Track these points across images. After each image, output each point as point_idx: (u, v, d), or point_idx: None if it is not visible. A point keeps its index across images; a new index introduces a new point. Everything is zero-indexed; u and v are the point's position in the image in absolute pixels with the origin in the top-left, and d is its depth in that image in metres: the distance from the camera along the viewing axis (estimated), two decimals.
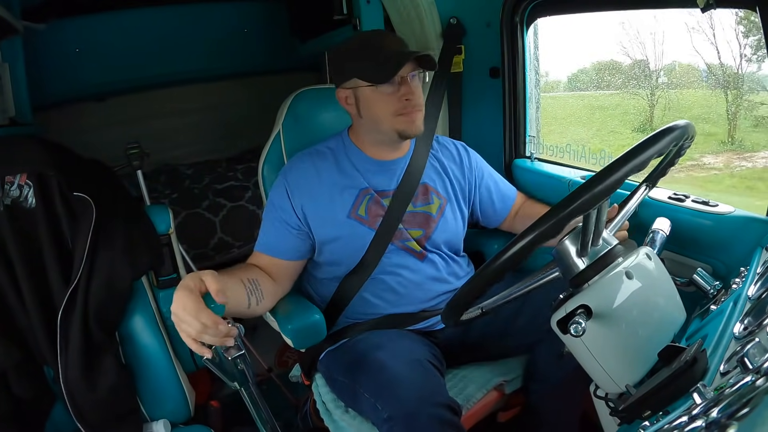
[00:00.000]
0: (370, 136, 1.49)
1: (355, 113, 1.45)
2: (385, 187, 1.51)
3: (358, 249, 1.46)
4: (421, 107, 1.42)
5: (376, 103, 1.39)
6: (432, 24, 1.95)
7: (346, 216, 1.46)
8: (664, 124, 0.93)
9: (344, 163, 1.50)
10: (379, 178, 1.51)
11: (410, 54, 1.37)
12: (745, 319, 0.77)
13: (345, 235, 1.45)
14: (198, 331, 0.99)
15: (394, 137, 1.43)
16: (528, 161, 1.92)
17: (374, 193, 1.48)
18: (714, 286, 1.10)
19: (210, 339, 1.01)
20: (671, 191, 1.46)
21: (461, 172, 1.62)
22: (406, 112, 1.38)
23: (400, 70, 1.35)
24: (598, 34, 1.91)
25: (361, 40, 1.46)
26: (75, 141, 1.70)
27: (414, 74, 1.39)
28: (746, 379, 0.58)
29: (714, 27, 1.55)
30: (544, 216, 0.84)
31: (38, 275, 1.34)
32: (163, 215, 1.57)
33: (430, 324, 1.52)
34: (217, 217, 2.68)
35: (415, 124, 1.40)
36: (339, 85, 1.46)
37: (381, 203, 1.48)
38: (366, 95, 1.40)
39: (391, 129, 1.41)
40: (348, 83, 1.42)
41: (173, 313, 1.01)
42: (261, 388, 1.13)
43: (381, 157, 1.52)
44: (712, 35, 1.59)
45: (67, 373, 1.32)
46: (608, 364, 0.90)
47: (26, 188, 1.34)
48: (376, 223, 1.46)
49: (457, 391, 1.41)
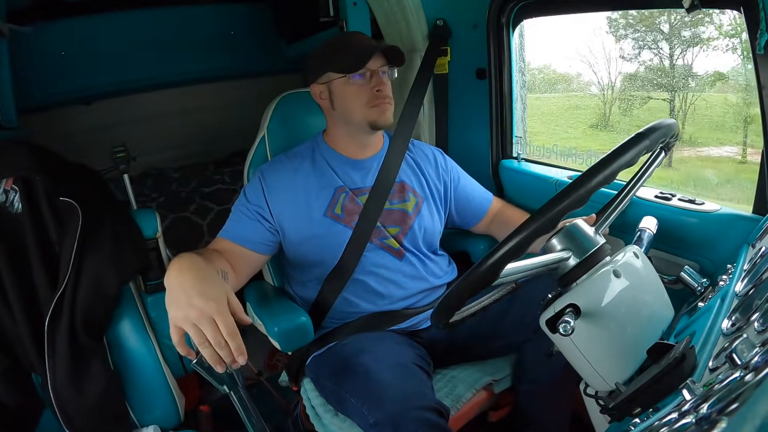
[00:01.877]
0: (342, 129, 1.54)
1: (329, 107, 1.51)
2: (360, 184, 1.54)
3: (335, 247, 1.48)
4: (391, 100, 1.48)
5: (348, 95, 1.45)
6: (418, 25, 1.95)
7: (322, 214, 1.48)
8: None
9: (319, 162, 1.54)
10: (353, 176, 1.55)
11: (379, 46, 1.45)
12: (733, 316, 0.77)
13: (321, 234, 1.48)
14: (218, 340, 0.94)
15: (365, 128, 1.48)
16: (515, 162, 1.94)
17: (349, 191, 1.51)
18: (701, 283, 1.11)
19: (226, 352, 0.95)
20: (658, 190, 1.47)
21: (437, 174, 1.66)
22: (378, 104, 1.44)
23: (370, 60, 1.42)
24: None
25: (334, 39, 1.52)
26: (61, 145, 1.68)
27: (384, 71, 1.47)
28: (735, 374, 0.58)
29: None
30: (535, 214, 0.84)
31: (25, 281, 1.33)
32: (150, 219, 1.56)
33: (413, 323, 1.53)
34: (205, 221, 2.67)
35: (386, 115, 1.47)
36: (313, 81, 1.51)
37: (356, 201, 1.51)
38: (339, 88, 1.46)
39: (363, 120, 1.46)
40: (322, 78, 1.48)
41: (199, 309, 0.95)
42: (251, 392, 1.13)
43: (354, 155, 1.57)
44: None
45: (55, 380, 1.31)
46: (598, 363, 0.91)
47: (12, 193, 1.33)
48: (352, 221, 1.49)
49: (447, 391, 1.41)
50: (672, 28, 1.85)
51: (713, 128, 1.95)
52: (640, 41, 1.94)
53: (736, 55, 1.61)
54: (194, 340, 0.94)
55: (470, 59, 1.95)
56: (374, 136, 1.56)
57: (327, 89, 1.49)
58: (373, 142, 1.59)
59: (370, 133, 1.52)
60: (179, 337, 0.97)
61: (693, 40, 1.78)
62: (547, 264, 0.95)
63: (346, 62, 1.43)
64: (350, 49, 1.44)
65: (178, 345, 0.98)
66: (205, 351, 0.95)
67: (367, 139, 1.56)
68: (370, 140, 1.57)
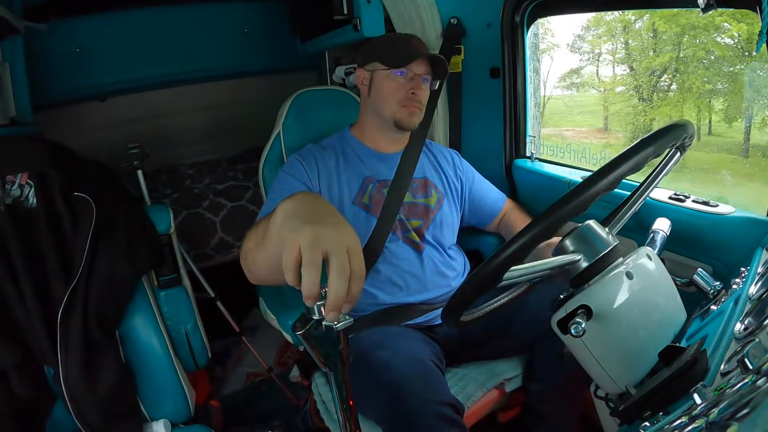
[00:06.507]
0: (372, 120, 1.62)
1: (366, 94, 1.61)
2: (386, 176, 1.60)
3: (361, 236, 1.49)
4: (422, 106, 1.57)
5: (385, 88, 1.54)
6: (432, 24, 1.95)
7: (351, 202, 1.53)
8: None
9: (349, 153, 1.60)
10: (380, 167, 1.60)
11: (427, 53, 1.53)
12: (746, 320, 0.76)
13: (350, 222, 1.46)
14: (347, 276, 0.68)
15: (390, 125, 1.57)
16: (528, 161, 1.93)
17: (377, 182, 1.57)
18: (714, 286, 1.09)
19: (343, 288, 0.67)
20: (672, 191, 1.46)
21: (454, 173, 1.73)
22: (408, 105, 1.53)
23: (414, 62, 1.51)
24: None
25: (392, 34, 1.65)
26: (76, 141, 1.70)
27: (426, 78, 1.56)
28: (746, 379, 0.58)
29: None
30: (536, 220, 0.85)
31: (39, 275, 1.34)
32: (164, 215, 1.58)
33: (429, 318, 1.54)
34: (218, 217, 2.67)
35: (412, 119, 1.55)
36: (361, 66, 1.61)
37: (383, 192, 1.56)
38: (380, 78, 1.55)
39: (391, 116, 1.55)
40: (369, 65, 1.58)
41: (338, 232, 0.71)
42: (261, 389, 1.13)
43: (381, 149, 1.63)
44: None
45: (68, 373, 1.32)
46: (608, 365, 0.90)
47: (27, 188, 1.34)
48: (378, 211, 1.53)
49: (458, 389, 1.41)
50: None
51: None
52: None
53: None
54: (310, 260, 0.67)
55: (484, 58, 1.94)
56: (400, 134, 1.62)
57: (370, 77, 1.58)
58: (398, 139, 1.66)
59: (395, 131, 1.59)
60: (295, 260, 0.68)
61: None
62: (558, 266, 0.95)
63: (393, 57, 1.52)
64: (402, 47, 1.53)
65: (292, 270, 0.68)
66: (311, 275, 0.67)
67: (393, 136, 1.62)
68: (395, 137, 1.64)
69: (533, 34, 1.88)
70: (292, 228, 0.70)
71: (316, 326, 0.74)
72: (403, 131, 1.59)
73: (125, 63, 2.71)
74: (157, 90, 3.02)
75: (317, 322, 0.74)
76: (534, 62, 1.92)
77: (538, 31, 1.89)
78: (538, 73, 1.96)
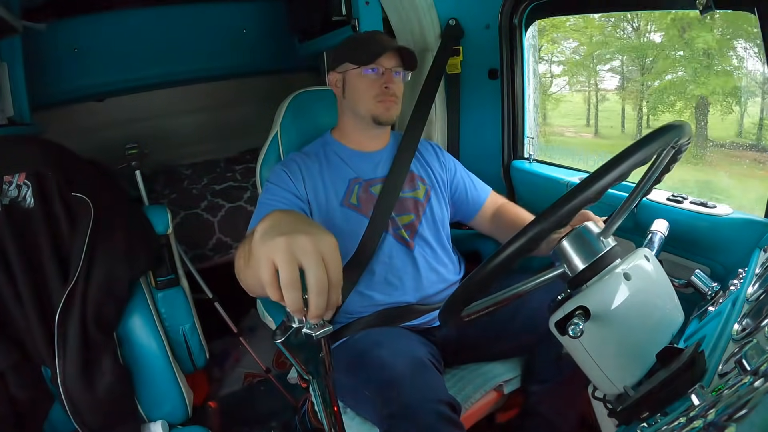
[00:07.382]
0: (350, 121, 1.63)
1: (341, 95, 1.61)
2: (372, 175, 1.60)
3: (353, 237, 1.51)
4: (398, 99, 1.58)
5: (359, 86, 1.55)
6: (431, 25, 1.95)
7: (339, 205, 1.53)
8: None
9: (331, 157, 1.61)
10: (365, 167, 1.61)
11: (393, 45, 1.54)
12: (744, 321, 0.76)
13: (339, 224, 1.52)
14: (323, 285, 0.69)
15: (369, 122, 1.58)
16: (526, 162, 1.93)
17: (363, 181, 1.57)
18: (712, 287, 1.09)
19: (322, 302, 0.69)
20: (669, 193, 1.46)
21: (439, 164, 1.73)
22: (384, 99, 1.54)
23: (384, 58, 1.53)
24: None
25: (358, 35, 1.65)
26: (74, 141, 1.70)
27: (399, 72, 1.57)
28: (744, 380, 0.58)
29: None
30: (540, 216, 0.84)
31: (36, 275, 1.34)
32: (162, 216, 1.58)
33: (426, 320, 1.54)
34: (216, 218, 2.67)
35: (389, 113, 1.56)
36: (332, 69, 1.62)
37: (370, 191, 1.56)
38: (352, 77, 1.56)
39: (368, 113, 1.56)
40: (339, 67, 1.59)
41: (311, 241, 0.69)
42: (259, 390, 1.13)
43: (362, 148, 1.64)
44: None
45: (65, 374, 1.32)
46: (606, 366, 0.90)
47: (25, 188, 1.34)
48: (368, 211, 1.53)
49: (456, 390, 1.41)
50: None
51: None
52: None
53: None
54: (287, 278, 0.67)
55: (482, 59, 1.94)
56: (380, 130, 1.63)
57: (342, 78, 1.59)
58: (379, 135, 1.66)
59: (375, 127, 1.59)
60: (271, 275, 0.68)
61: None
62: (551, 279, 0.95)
63: (361, 55, 1.53)
64: (369, 44, 1.54)
65: (270, 285, 0.69)
66: (291, 294, 0.68)
67: (373, 132, 1.63)
68: (375, 133, 1.65)
69: (531, 35, 1.88)
70: (265, 242, 0.70)
71: (296, 334, 0.75)
72: (382, 126, 1.59)
73: (123, 63, 2.71)
74: (155, 90, 3.03)
75: (296, 330, 0.75)
76: (532, 63, 1.92)
77: (536, 32, 1.89)
78: (536, 74, 1.97)
